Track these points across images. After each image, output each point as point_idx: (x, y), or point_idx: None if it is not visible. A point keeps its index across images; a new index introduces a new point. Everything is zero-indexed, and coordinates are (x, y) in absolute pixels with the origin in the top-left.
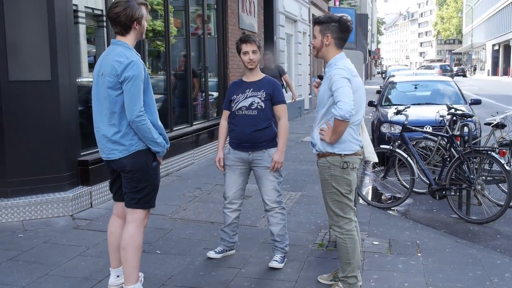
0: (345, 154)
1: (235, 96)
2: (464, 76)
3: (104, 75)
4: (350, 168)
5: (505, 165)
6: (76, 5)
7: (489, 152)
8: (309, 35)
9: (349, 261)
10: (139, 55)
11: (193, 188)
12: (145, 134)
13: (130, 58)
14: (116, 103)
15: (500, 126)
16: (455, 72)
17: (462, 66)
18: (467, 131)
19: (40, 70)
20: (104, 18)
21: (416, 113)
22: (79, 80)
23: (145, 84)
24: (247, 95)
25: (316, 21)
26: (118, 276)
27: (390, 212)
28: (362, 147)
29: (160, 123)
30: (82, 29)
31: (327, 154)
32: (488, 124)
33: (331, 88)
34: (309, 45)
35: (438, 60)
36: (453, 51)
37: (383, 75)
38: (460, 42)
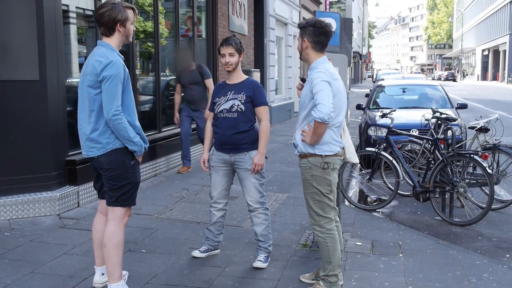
0: (325, 155)
1: (217, 98)
2: (454, 80)
3: (87, 75)
4: (331, 169)
5: (487, 168)
6: (66, 5)
7: (472, 155)
8: None
9: (330, 259)
10: (122, 56)
11: (180, 188)
12: (121, 132)
13: (110, 58)
14: (94, 101)
15: (484, 130)
16: (445, 77)
17: (452, 71)
18: (451, 134)
19: (28, 70)
20: (94, 19)
21: (403, 116)
22: (68, 80)
23: (125, 85)
24: (228, 97)
25: (298, 26)
26: (102, 274)
27: (375, 213)
28: (343, 149)
29: (138, 123)
30: (72, 29)
31: (308, 155)
32: (472, 128)
33: (312, 90)
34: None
35: (429, 65)
36: (443, 56)
37: (373, 78)
38: (451, 47)
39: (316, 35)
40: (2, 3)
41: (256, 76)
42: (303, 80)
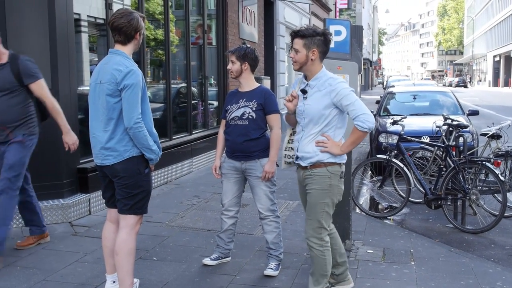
0: (342, 163)
1: (229, 106)
2: (465, 87)
3: (103, 83)
4: (344, 178)
5: (499, 175)
6: (78, 14)
7: (484, 162)
8: None
9: (325, 273)
10: (136, 64)
11: (191, 196)
12: (141, 140)
13: (130, 67)
14: (114, 110)
15: (496, 136)
16: (456, 83)
17: (463, 77)
18: (462, 141)
19: None
20: (106, 27)
21: (414, 123)
22: (80, 88)
23: (142, 93)
24: (240, 105)
25: (299, 35)
26: (114, 282)
27: (386, 221)
28: None
29: (155, 130)
30: (83, 38)
31: (328, 164)
32: (484, 134)
33: (339, 102)
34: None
35: (440, 71)
36: (454, 62)
37: (384, 85)
38: (462, 53)
39: (326, 45)
40: (15, 12)
41: (266, 83)
42: (303, 91)
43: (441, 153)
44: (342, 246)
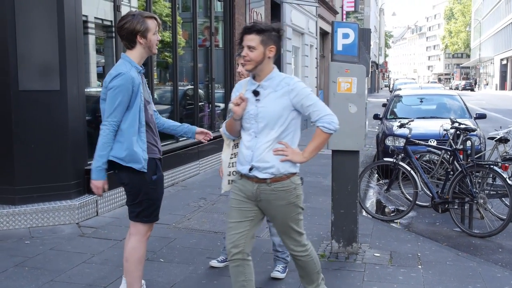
0: (298, 172)
1: None
2: (472, 90)
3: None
4: (302, 184)
5: (507, 179)
6: (86, 16)
7: (492, 166)
8: (316, 48)
9: (317, 269)
10: (142, 68)
11: (197, 198)
12: (98, 144)
13: (119, 70)
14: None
15: (504, 140)
16: (462, 86)
17: (469, 81)
18: (470, 145)
19: (49, 80)
20: (113, 29)
21: (421, 126)
22: (88, 90)
23: (134, 98)
24: None
25: (255, 29)
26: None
27: (393, 224)
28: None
29: (144, 138)
30: (91, 39)
31: (290, 175)
32: (492, 138)
33: (299, 103)
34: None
35: (446, 74)
36: (461, 65)
37: (390, 88)
38: (468, 56)
39: (280, 42)
40: (25, 16)
41: None
42: (256, 93)
43: (448, 156)
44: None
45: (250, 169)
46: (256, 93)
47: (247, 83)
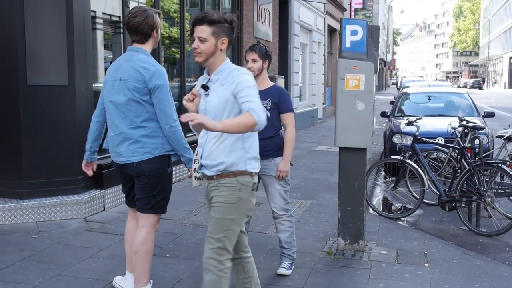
0: (254, 173)
1: None
2: (480, 88)
3: (127, 81)
4: (256, 191)
5: None
6: (94, 12)
7: (500, 164)
8: (324, 45)
9: None
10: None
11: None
12: (179, 139)
13: (156, 65)
14: (143, 107)
15: None
16: (471, 85)
17: (478, 79)
18: (478, 143)
19: (57, 75)
20: (121, 25)
21: (429, 124)
22: (95, 85)
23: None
24: None
25: (206, 20)
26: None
27: (400, 222)
28: None
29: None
30: (99, 35)
31: (237, 173)
32: (500, 137)
33: (239, 93)
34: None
35: (454, 72)
36: (469, 63)
37: (398, 85)
38: (477, 54)
39: (232, 34)
40: (34, 12)
41: (281, 82)
42: (205, 87)
43: (456, 154)
44: (257, 276)
45: (201, 167)
46: (205, 87)
47: (204, 78)
